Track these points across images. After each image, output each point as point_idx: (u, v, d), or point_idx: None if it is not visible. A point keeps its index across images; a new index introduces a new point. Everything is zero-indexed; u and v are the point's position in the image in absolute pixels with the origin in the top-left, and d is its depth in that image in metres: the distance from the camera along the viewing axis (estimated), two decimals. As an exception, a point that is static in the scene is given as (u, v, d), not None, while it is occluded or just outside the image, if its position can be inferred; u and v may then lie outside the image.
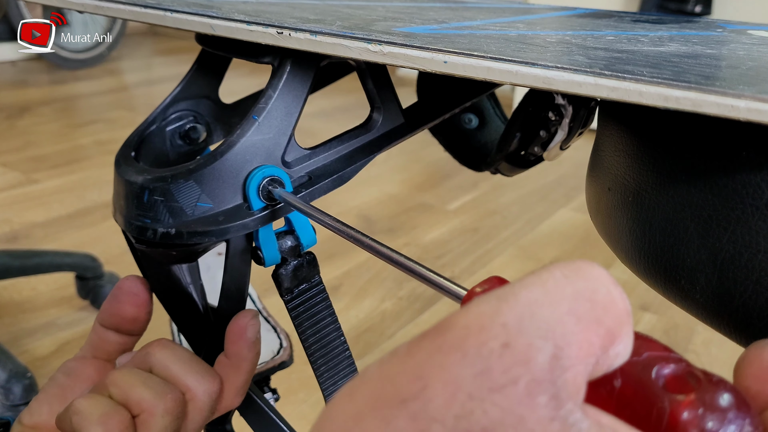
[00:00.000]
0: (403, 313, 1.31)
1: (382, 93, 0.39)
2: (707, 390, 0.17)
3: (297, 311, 0.39)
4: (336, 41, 0.30)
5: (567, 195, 1.97)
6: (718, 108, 0.21)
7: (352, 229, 0.29)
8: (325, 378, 0.40)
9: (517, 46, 0.31)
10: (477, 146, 0.58)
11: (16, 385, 0.93)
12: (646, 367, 0.18)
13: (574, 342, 0.15)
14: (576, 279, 0.16)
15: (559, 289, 0.16)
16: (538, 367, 0.15)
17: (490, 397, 0.14)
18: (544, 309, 0.16)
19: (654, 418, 0.17)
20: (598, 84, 0.23)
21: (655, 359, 0.18)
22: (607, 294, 0.17)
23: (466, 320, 0.16)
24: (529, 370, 0.15)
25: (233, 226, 0.34)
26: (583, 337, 0.16)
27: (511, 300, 0.16)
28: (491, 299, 0.16)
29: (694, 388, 0.17)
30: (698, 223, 0.28)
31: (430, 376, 0.15)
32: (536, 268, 0.17)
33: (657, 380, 0.17)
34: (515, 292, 0.16)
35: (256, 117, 0.34)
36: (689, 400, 0.17)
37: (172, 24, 0.36)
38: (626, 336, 0.17)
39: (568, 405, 0.15)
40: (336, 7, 0.45)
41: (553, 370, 0.15)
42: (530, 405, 0.14)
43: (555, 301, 0.16)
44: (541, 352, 0.15)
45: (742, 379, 0.20)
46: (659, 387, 0.17)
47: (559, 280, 0.16)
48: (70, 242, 1.53)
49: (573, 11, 0.59)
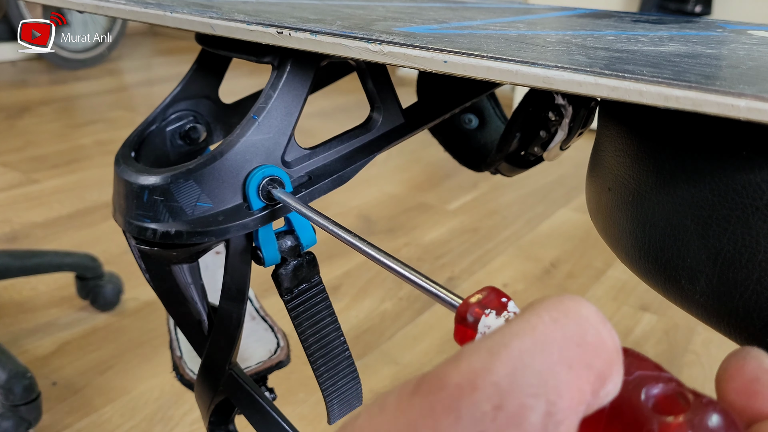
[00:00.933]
0: (403, 314, 1.31)
1: (382, 93, 0.39)
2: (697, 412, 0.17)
3: (297, 311, 0.39)
4: (336, 41, 0.30)
5: (567, 195, 1.97)
6: (719, 107, 0.21)
7: (350, 233, 0.29)
8: (325, 378, 0.40)
9: (517, 45, 0.31)
10: (477, 146, 0.58)
11: (16, 385, 0.93)
12: (636, 387, 0.18)
13: (566, 393, 0.15)
14: (565, 322, 0.16)
15: (548, 335, 0.16)
16: (531, 427, 0.15)
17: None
18: (535, 360, 0.15)
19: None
20: (598, 83, 0.23)
21: (645, 379, 0.18)
22: (596, 335, 0.16)
23: (458, 378, 0.15)
24: (523, 431, 0.15)
25: (233, 226, 0.34)
26: (575, 386, 0.15)
27: (503, 353, 0.16)
28: (483, 353, 0.16)
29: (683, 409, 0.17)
30: (698, 223, 0.28)
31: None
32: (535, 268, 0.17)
33: (647, 401, 0.17)
34: (506, 343, 0.16)
35: (256, 117, 0.34)
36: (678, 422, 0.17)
37: (172, 24, 0.36)
38: (616, 374, 0.17)
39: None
40: (336, 7, 0.45)
41: (546, 428, 0.15)
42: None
43: (545, 350, 0.16)
44: (533, 411, 0.15)
45: (725, 394, 0.19)
46: (648, 408, 0.17)
47: (548, 325, 0.16)
48: (70, 242, 1.53)
49: (573, 11, 0.59)
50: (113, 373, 1.11)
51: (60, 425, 0.99)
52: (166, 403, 1.04)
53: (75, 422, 1.00)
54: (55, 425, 0.99)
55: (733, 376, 0.19)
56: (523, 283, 1.44)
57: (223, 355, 0.40)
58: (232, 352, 0.40)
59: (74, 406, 1.03)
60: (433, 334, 1.24)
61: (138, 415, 1.02)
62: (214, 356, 0.41)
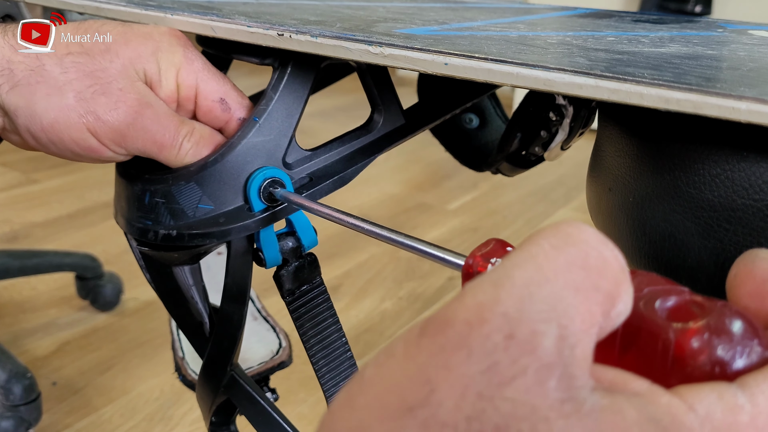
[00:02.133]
0: (403, 313, 1.31)
1: (383, 94, 0.39)
2: (713, 315, 0.17)
3: (298, 312, 0.39)
4: (337, 43, 0.30)
5: (567, 195, 1.97)
6: (719, 110, 0.21)
7: (355, 217, 0.29)
8: (327, 378, 0.40)
9: (517, 47, 0.31)
10: (478, 146, 0.58)
11: (16, 385, 0.93)
12: (649, 302, 0.17)
13: (576, 316, 0.15)
14: (566, 247, 0.16)
15: (551, 262, 0.16)
16: (545, 352, 0.14)
17: (500, 393, 0.14)
18: (541, 288, 0.15)
19: (660, 350, 0.16)
20: (599, 86, 0.23)
21: (657, 293, 0.17)
22: (599, 256, 0.16)
23: (465, 314, 0.15)
24: (537, 358, 0.14)
25: (234, 228, 0.34)
26: (585, 308, 0.15)
27: (507, 284, 0.15)
28: (487, 286, 0.16)
29: (699, 316, 0.17)
30: (699, 223, 0.28)
31: (437, 379, 0.14)
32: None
33: (660, 313, 0.17)
34: (509, 275, 0.16)
35: (257, 118, 0.34)
36: (695, 327, 0.16)
37: (173, 25, 0.36)
38: (625, 293, 0.16)
39: (578, 381, 0.14)
40: (336, 8, 0.45)
41: (561, 352, 0.14)
42: (541, 392, 0.14)
43: (550, 277, 0.15)
44: (546, 336, 0.14)
45: (737, 299, 0.19)
46: (663, 319, 0.17)
47: (549, 252, 0.16)
48: (70, 242, 1.53)
49: (573, 11, 0.59)
50: (113, 373, 1.11)
51: (60, 425, 0.99)
52: (166, 403, 1.04)
53: (75, 422, 1.00)
54: (55, 425, 0.99)
55: (744, 280, 0.19)
56: (523, 283, 1.44)
57: (224, 356, 0.41)
58: (233, 353, 0.40)
59: (74, 406, 1.03)
60: (433, 333, 1.24)
61: (138, 415, 1.02)
62: (215, 357, 0.41)
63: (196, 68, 0.35)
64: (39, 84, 0.31)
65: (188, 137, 0.34)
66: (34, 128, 0.32)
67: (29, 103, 0.31)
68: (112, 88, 0.32)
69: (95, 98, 0.32)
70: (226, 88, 0.35)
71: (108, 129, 0.32)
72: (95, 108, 0.32)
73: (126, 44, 0.33)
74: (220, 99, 0.35)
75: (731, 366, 0.16)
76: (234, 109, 0.35)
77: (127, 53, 0.33)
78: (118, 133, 0.32)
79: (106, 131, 0.32)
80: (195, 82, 0.35)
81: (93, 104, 0.32)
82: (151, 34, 0.34)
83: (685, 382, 0.16)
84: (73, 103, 0.31)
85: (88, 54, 0.32)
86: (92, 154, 0.33)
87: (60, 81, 0.31)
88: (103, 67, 0.32)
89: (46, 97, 0.31)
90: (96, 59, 0.32)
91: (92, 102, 0.32)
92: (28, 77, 0.31)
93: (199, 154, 0.34)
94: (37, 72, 0.31)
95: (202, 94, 0.35)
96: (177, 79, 0.34)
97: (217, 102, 0.35)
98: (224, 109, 0.35)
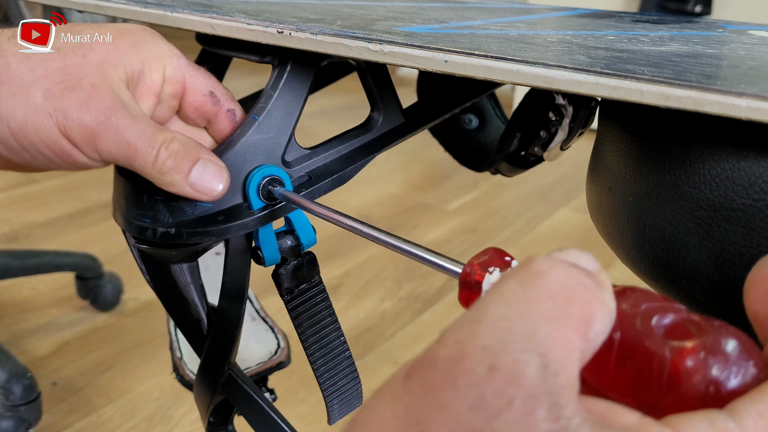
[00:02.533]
0: (403, 314, 1.31)
1: (383, 93, 0.39)
2: (709, 335, 0.17)
3: (297, 311, 0.39)
4: (337, 41, 0.30)
5: (567, 195, 1.97)
6: (720, 107, 0.21)
7: (354, 220, 0.29)
8: (325, 378, 0.40)
9: (517, 45, 0.31)
10: (477, 146, 0.58)
11: (16, 385, 0.93)
12: (646, 319, 0.17)
13: (553, 344, 0.15)
14: (532, 281, 0.17)
15: (520, 296, 0.16)
16: (530, 381, 0.15)
17: (490, 427, 0.14)
18: (516, 321, 0.16)
19: (656, 368, 0.17)
20: (599, 83, 0.23)
21: (654, 310, 0.18)
22: (563, 283, 0.17)
23: (447, 351, 0.16)
24: (523, 388, 0.14)
25: (233, 226, 0.34)
26: (560, 335, 0.16)
27: (483, 320, 0.16)
28: (464, 324, 0.16)
29: (695, 335, 0.17)
30: (699, 223, 0.28)
31: (427, 418, 0.15)
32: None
33: (657, 330, 0.17)
34: (484, 312, 0.16)
35: (256, 116, 0.34)
36: (690, 347, 0.16)
37: (173, 23, 0.36)
38: (599, 313, 0.17)
39: (566, 411, 0.15)
40: (336, 7, 0.45)
41: (546, 380, 0.15)
42: (530, 424, 0.14)
43: (521, 310, 0.16)
44: (528, 365, 0.15)
45: (749, 303, 0.19)
46: (659, 337, 0.17)
47: (515, 289, 0.16)
48: (70, 242, 1.53)
49: (573, 11, 0.59)
50: (113, 373, 1.11)
51: (60, 425, 0.99)
52: (166, 403, 1.04)
53: (75, 422, 1.00)
54: (55, 425, 0.99)
55: (757, 284, 0.19)
56: (523, 283, 1.43)
57: (222, 355, 0.40)
58: (231, 353, 0.40)
59: (74, 406, 1.03)
60: (433, 333, 1.24)
61: (138, 415, 1.02)
62: (213, 356, 0.41)
63: (182, 63, 0.33)
64: (3, 85, 0.29)
65: (165, 145, 0.30)
66: (1, 133, 0.29)
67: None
68: (83, 83, 0.29)
69: (64, 94, 0.29)
70: (213, 80, 0.34)
71: (78, 127, 0.29)
72: (64, 105, 0.29)
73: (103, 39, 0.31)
74: (209, 92, 0.34)
75: (726, 386, 0.16)
76: (222, 101, 0.34)
77: (103, 47, 0.31)
78: (89, 133, 0.29)
79: (77, 130, 0.29)
80: (182, 77, 0.33)
81: (62, 101, 0.29)
82: (129, 28, 0.32)
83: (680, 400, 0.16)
84: (40, 102, 0.29)
85: (59, 50, 0.30)
86: (66, 158, 0.30)
87: (27, 79, 0.29)
88: (75, 63, 0.30)
89: (12, 98, 0.29)
90: (68, 55, 0.30)
91: (61, 99, 0.29)
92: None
93: (179, 167, 0.30)
94: (2, 72, 0.29)
95: (191, 89, 0.33)
96: (164, 74, 0.33)
97: (207, 96, 0.34)
98: (214, 102, 0.34)
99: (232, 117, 0.35)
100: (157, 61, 0.32)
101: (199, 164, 0.31)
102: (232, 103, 0.35)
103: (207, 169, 0.31)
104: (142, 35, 0.32)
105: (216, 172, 0.31)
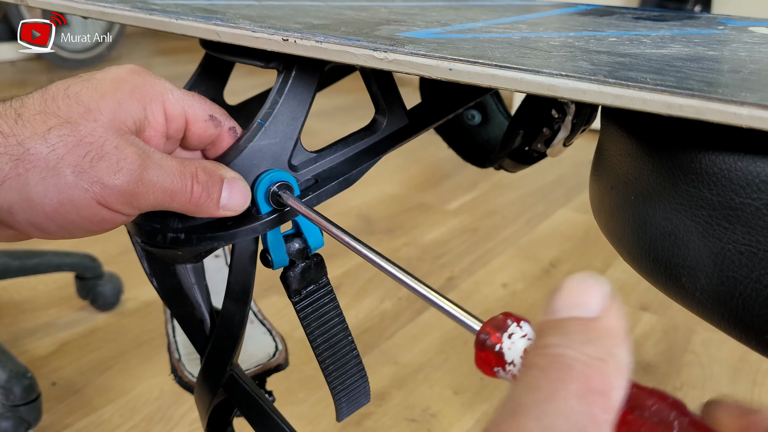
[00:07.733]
0: (403, 313, 1.31)
1: (387, 95, 0.39)
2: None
3: (305, 312, 0.39)
4: (342, 48, 0.31)
5: (567, 195, 1.98)
6: (722, 116, 0.22)
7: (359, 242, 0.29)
8: (333, 377, 0.40)
9: (521, 50, 0.31)
10: (480, 143, 0.58)
11: (16, 385, 0.93)
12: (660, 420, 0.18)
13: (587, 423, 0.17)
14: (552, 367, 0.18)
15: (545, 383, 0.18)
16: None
17: None
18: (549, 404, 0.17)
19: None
20: (602, 92, 0.24)
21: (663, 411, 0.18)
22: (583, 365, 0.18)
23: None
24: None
25: (242, 230, 0.34)
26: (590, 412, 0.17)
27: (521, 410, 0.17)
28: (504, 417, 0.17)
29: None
30: (698, 222, 0.28)
31: None
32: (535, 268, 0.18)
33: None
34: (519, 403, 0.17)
35: (262, 122, 0.34)
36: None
37: (178, 30, 0.36)
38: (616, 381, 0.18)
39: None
40: (339, 10, 0.45)
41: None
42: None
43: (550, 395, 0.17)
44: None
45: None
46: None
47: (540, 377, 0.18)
48: (70, 242, 1.53)
49: (574, 8, 0.59)
50: (113, 373, 1.11)
51: (60, 425, 0.99)
52: (165, 403, 1.04)
53: (75, 422, 1.00)
54: (55, 425, 0.99)
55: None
56: (523, 283, 1.44)
57: (224, 356, 0.41)
58: (233, 353, 0.41)
59: (74, 406, 1.03)
60: (432, 333, 1.25)
61: (138, 415, 1.02)
62: (215, 356, 0.41)
63: (178, 97, 0.33)
64: (30, 171, 0.28)
65: (195, 179, 0.31)
66: (37, 219, 0.29)
67: (24, 195, 0.28)
68: (107, 149, 0.29)
69: (95, 165, 0.29)
70: (208, 103, 0.34)
71: (117, 194, 0.29)
72: (98, 175, 0.29)
73: (102, 97, 0.30)
74: (209, 116, 0.34)
75: None
76: (223, 122, 0.35)
77: (107, 106, 0.30)
78: (128, 195, 0.30)
79: (116, 196, 0.29)
80: (182, 110, 0.33)
81: (95, 173, 0.29)
82: (120, 76, 0.32)
83: None
84: (73, 180, 0.28)
85: (69, 122, 0.29)
86: (107, 225, 0.30)
87: (51, 160, 0.28)
88: (90, 131, 0.29)
89: (41, 182, 0.28)
90: (80, 125, 0.29)
91: (92, 171, 0.29)
92: (15, 168, 0.28)
93: (211, 196, 0.32)
94: (24, 159, 0.28)
95: (192, 118, 0.33)
96: (165, 113, 0.33)
97: (209, 120, 0.34)
98: (216, 124, 0.34)
99: (234, 134, 0.35)
100: (156, 101, 0.32)
101: (226, 186, 0.33)
102: (231, 121, 0.35)
103: (233, 188, 0.33)
104: (135, 80, 0.32)
105: (240, 188, 0.33)
